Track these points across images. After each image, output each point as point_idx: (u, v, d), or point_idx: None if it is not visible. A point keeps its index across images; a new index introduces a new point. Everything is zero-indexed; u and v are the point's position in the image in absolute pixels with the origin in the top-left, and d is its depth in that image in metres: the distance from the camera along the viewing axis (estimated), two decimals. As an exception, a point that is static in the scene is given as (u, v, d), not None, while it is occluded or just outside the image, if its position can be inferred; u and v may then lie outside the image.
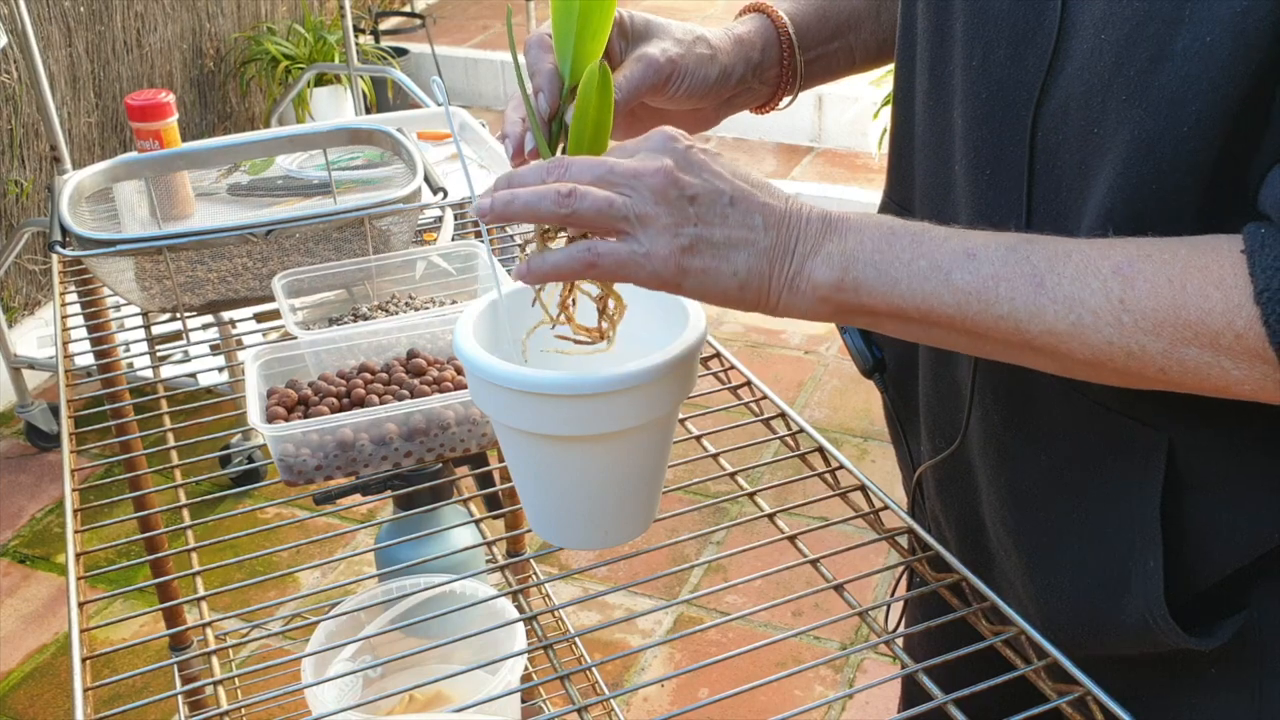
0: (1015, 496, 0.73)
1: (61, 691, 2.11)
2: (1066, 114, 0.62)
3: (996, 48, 0.65)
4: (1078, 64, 0.60)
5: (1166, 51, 0.55)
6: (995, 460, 0.74)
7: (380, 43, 4.23)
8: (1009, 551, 0.75)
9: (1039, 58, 0.62)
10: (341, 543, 2.33)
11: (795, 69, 0.82)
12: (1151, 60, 0.56)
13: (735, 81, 0.79)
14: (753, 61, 0.80)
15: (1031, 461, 0.71)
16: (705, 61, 0.76)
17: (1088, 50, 0.60)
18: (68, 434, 0.94)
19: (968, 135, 0.68)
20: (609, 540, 0.73)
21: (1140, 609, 0.67)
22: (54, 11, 3.03)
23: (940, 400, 0.78)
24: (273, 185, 1.38)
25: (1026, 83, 0.63)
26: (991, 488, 0.75)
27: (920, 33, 0.73)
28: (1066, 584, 0.71)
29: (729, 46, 0.78)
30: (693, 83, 0.75)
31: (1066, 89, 0.61)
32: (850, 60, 0.86)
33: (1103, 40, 0.58)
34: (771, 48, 0.81)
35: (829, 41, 0.84)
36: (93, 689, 0.70)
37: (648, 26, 0.75)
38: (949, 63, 0.69)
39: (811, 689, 2.03)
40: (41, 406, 2.76)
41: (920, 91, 0.74)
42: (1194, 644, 0.66)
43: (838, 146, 3.98)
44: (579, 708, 0.68)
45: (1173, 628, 0.66)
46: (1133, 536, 0.66)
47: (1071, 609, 0.71)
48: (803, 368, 2.94)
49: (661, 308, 0.72)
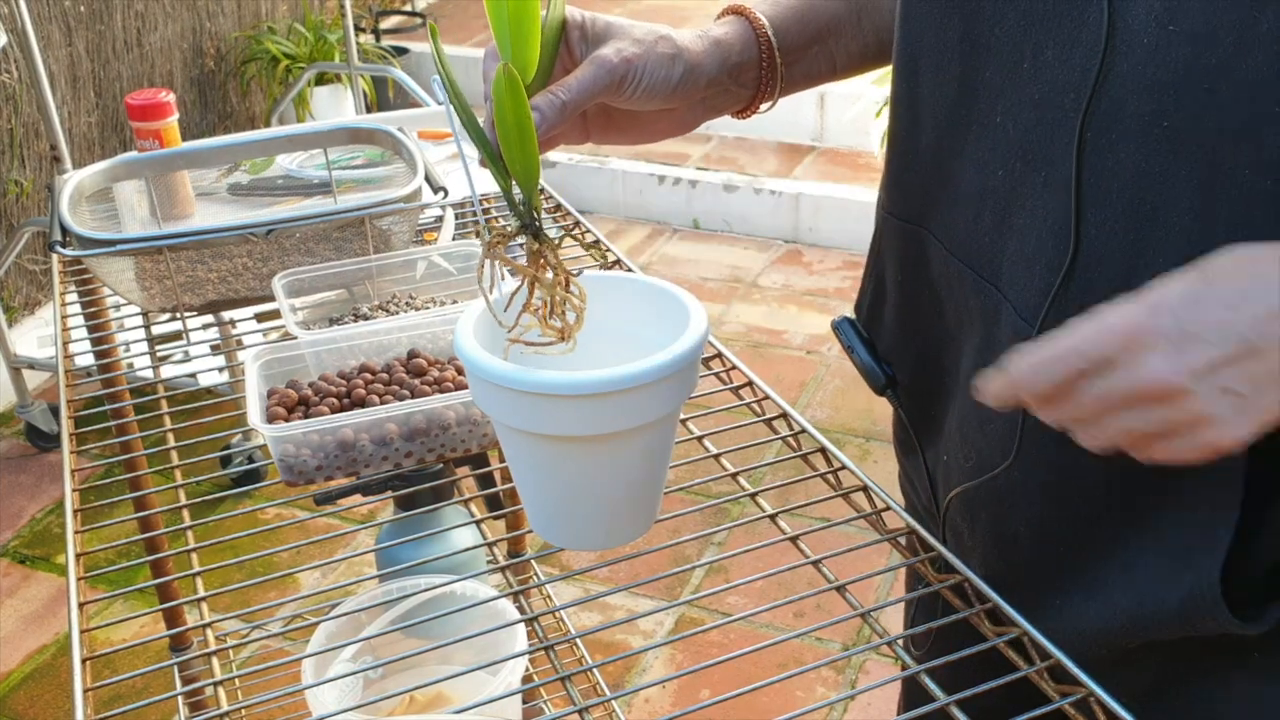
0: (1069, 510, 0.72)
1: (62, 692, 2.11)
2: (1123, 110, 0.61)
3: (1045, 49, 0.64)
4: (1140, 58, 0.60)
5: (1251, 35, 0.55)
6: (1049, 477, 0.72)
7: (381, 42, 4.23)
8: (1048, 558, 0.74)
9: (1088, 56, 0.62)
10: (342, 543, 2.33)
11: (775, 71, 0.81)
12: (1236, 45, 0.56)
13: (706, 82, 0.78)
14: (729, 63, 0.79)
15: (1093, 474, 0.70)
16: (666, 61, 0.75)
17: (1152, 44, 0.59)
18: (68, 434, 0.94)
19: (1017, 140, 0.67)
20: (610, 541, 0.73)
21: (1190, 588, 0.66)
22: (54, 11, 3.03)
23: (981, 420, 0.76)
24: (273, 185, 1.38)
25: (1075, 82, 0.63)
26: (1040, 502, 0.74)
27: (932, 45, 0.72)
28: (1117, 575, 0.70)
29: (700, 47, 0.78)
30: (651, 82, 0.74)
31: (1125, 85, 0.61)
32: (831, 67, 0.86)
33: (1172, 32, 0.58)
34: (750, 49, 0.80)
35: (808, 46, 0.83)
36: (93, 689, 0.70)
37: (608, 28, 0.75)
38: (984, 70, 0.68)
39: (813, 690, 2.03)
40: (41, 406, 2.76)
41: (936, 106, 0.73)
42: (1238, 627, 0.65)
43: (840, 146, 3.98)
44: (580, 709, 0.67)
45: (1221, 609, 0.65)
46: (1204, 519, 0.65)
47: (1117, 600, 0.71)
48: (805, 368, 2.94)
49: (662, 308, 0.72)
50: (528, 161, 0.66)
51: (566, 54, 0.75)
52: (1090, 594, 0.73)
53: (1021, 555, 0.77)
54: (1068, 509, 0.72)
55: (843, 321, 0.86)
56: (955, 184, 0.73)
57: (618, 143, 0.82)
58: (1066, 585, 0.74)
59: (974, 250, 0.73)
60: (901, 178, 0.79)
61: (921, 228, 0.78)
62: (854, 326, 0.85)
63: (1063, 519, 0.73)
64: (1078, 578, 0.73)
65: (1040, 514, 0.74)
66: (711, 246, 3.64)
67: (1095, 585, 0.72)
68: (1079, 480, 0.71)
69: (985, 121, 0.69)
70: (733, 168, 3.79)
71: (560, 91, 0.71)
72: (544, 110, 0.70)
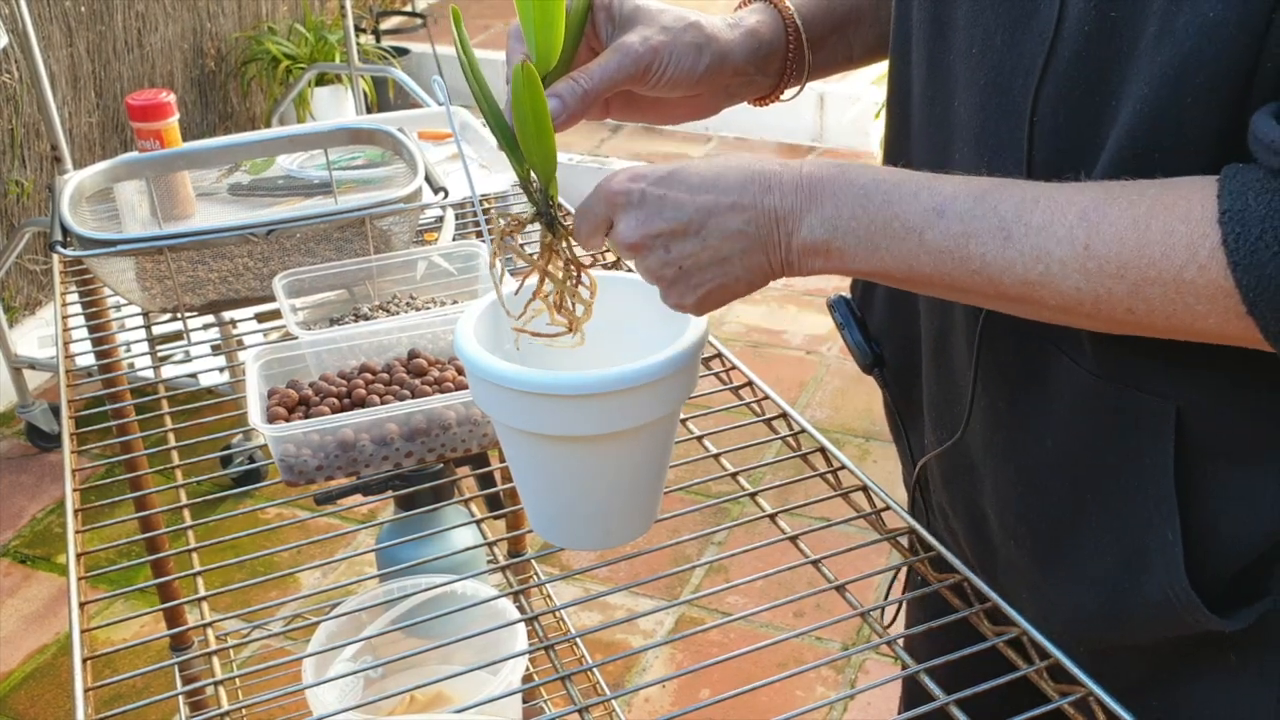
0: (1023, 484, 0.73)
1: (62, 692, 2.11)
2: (1066, 95, 0.62)
3: (995, 33, 0.65)
4: (1079, 44, 0.60)
5: (1170, 26, 0.55)
6: (1002, 447, 0.73)
7: (381, 42, 4.23)
8: (1019, 540, 0.75)
9: (1038, 41, 0.62)
10: (342, 543, 2.33)
11: (803, 59, 0.81)
12: (1156, 36, 0.56)
13: (733, 70, 0.78)
14: (758, 52, 0.79)
15: (1038, 444, 0.71)
16: (693, 50, 0.74)
17: (1091, 30, 0.60)
18: (68, 434, 0.94)
19: (969, 123, 0.68)
20: (610, 541, 0.73)
21: (1162, 585, 0.66)
22: (55, 11, 3.03)
23: (942, 390, 0.78)
24: (273, 185, 1.38)
25: (1025, 66, 0.63)
26: (998, 476, 0.75)
27: (916, 25, 0.72)
28: (1083, 568, 0.71)
29: (729, 35, 0.77)
30: (677, 71, 0.74)
31: (1067, 70, 0.61)
32: (848, 55, 0.86)
33: (1113, 18, 0.58)
34: (778, 37, 0.80)
35: (829, 35, 0.83)
36: (93, 689, 0.70)
37: (635, 13, 0.74)
38: (948, 53, 0.69)
39: (813, 690, 2.03)
40: (42, 406, 2.76)
41: (917, 84, 0.73)
42: (1217, 623, 0.66)
43: (839, 146, 3.97)
44: (580, 708, 0.67)
45: (1196, 603, 0.65)
46: (1149, 510, 0.66)
47: (1089, 594, 0.71)
48: (804, 368, 2.94)
49: (662, 308, 0.72)
50: (545, 153, 0.66)
51: (593, 35, 0.74)
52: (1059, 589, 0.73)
53: (992, 538, 0.78)
54: (1026, 481, 0.73)
55: (839, 300, 0.86)
56: (931, 165, 0.74)
57: (638, 120, 0.82)
58: (1035, 579, 0.75)
59: None
60: (892, 160, 0.79)
61: None
62: (849, 305, 0.86)
63: (1024, 492, 0.73)
64: (1047, 573, 0.74)
65: (1004, 488, 0.75)
66: (712, 246, 3.64)
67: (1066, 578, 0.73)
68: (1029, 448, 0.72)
69: (945, 105, 0.70)
70: (733, 168, 3.79)
71: (582, 79, 0.70)
72: (565, 98, 0.70)
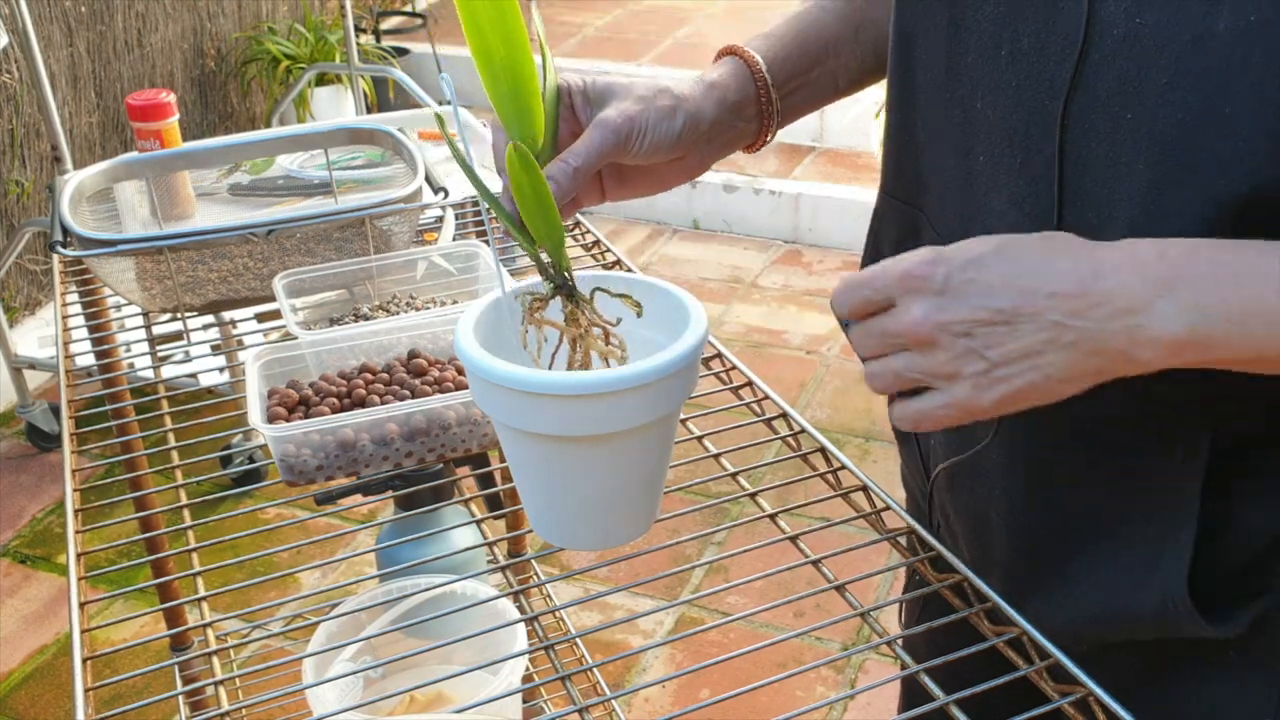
0: (1038, 494, 0.73)
1: (62, 692, 2.12)
2: (1098, 100, 0.62)
3: (1023, 36, 0.65)
4: (1111, 49, 0.60)
5: (1210, 31, 0.55)
6: (1025, 456, 0.73)
7: (381, 42, 4.23)
8: (1022, 547, 0.75)
9: (1067, 45, 0.63)
10: (342, 543, 2.33)
11: (773, 106, 0.83)
12: (1193, 41, 0.56)
13: (708, 126, 0.80)
14: (728, 103, 0.81)
15: (1067, 454, 0.71)
16: (667, 114, 0.77)
17: (1121, 35, 0.60)
18: (68, 434, 0.94)
19: (997, 125, 0.68)
20: (610, 541, 0.73)
21: (1160, 594, 0.67)
22: (55, 11, 3.03)
23: None
24: (273, 185, 1.38)
25: (1054, 71, 0.64)
26: (1011, 485, 0.75)
27: (925, 30, 0.73)
28: (1085, 575, 0.71)
29: (698, 93, 0.79)
30: (655, 137, 0.76)
31: (1100, 74, 0.61)
32: (834, 86, 0.88)
33: (1139, 24, 0.58)
34: (747, 87, 0.82)
35: (810, 70, 0.85)
36: (94, 689, 0.70)
37: (608, 88, 0.77)
38: (967, 54, 0.69)
39: (813, 690, 2.03)
40: (42, 406, 2.76)
41: (927, 86, 0.73)
42: (1212, 632, 0.66)
43: (839, 146, 3.97)
44: (580, 708, 0.67)
45: (1192, 614, 0.65)
46: (1166, 520, 0.66)
47: (1087, 599, 0.71)
48: (804, 368, 2.94)
49: (662, 308, 0.72)
50: (550, 226, 0.68)
51: (573, 119, 0.77)
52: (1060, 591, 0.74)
53: (993, 539, 0.78)
54: (1041, 489, 0.73)
55: None
56: (942, 166, 0.74)
57: (633, 196, 0.84)
58: (1036, 580, 0.75)
59: (957, 233, 0.74)
60: (897, 159, 0.80)
61: (916, 208, 0.79)
62: None
63: (1036, 501, 0.74)
64: (1048, 574, 0.74)
65: (1015, 494, 0.75)
66: (711, 247, 3.64)
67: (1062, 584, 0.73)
68: (1056, 458, 0.72)
69: (967, 105, 0.70)
70: (732, 168, 3.79)
71: (570, 158, 0.73)
72: (558, 179, 0.72)
